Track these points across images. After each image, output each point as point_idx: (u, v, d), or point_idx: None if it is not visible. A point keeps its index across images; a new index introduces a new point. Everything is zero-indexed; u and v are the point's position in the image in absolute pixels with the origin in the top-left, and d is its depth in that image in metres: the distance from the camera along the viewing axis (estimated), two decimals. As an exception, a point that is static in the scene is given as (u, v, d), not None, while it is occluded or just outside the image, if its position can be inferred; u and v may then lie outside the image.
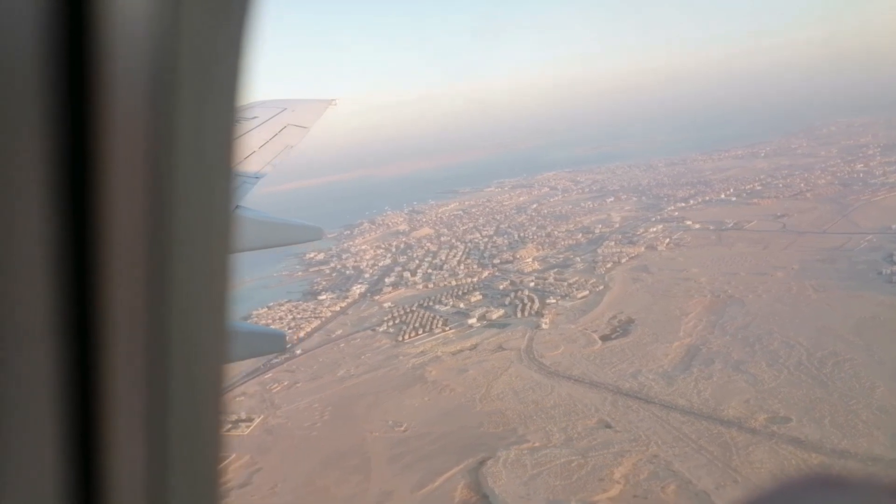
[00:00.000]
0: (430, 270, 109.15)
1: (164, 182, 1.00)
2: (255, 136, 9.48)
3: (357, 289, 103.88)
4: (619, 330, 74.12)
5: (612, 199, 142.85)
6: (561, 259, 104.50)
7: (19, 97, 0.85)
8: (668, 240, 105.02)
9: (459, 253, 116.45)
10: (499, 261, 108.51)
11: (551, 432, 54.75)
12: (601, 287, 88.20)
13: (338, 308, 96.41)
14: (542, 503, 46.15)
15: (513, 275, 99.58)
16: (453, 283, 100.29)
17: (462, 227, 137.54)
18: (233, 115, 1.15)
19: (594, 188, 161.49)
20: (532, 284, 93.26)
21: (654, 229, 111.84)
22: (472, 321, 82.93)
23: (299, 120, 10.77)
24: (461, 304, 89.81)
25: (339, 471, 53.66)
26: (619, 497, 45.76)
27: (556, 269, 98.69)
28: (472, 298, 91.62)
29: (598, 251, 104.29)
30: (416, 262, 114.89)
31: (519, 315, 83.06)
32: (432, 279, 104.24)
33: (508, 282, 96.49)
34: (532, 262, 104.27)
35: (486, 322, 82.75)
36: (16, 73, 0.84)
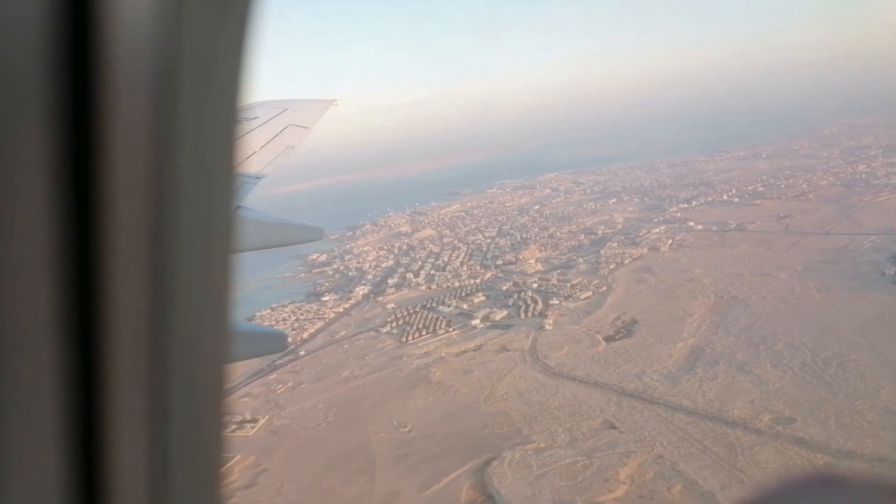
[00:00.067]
0: (432, 272, 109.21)
1: (166, 182, 1.01)
2: (257, 137, 9.50)
3: (360, 290, 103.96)
4: (622, 331, 74.17)
5: (614, 201, 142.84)
6: (564, 260, 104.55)
7: (22, 97, 0.86)
8: (670, 241, 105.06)
9: (462, 254, 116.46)
10: (501, 262, 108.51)
11: (556, 433, 54.81)
12: (604, 288, 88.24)
13: (341, 309, 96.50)
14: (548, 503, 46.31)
15: (516, 276, 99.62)
16: (456, 284, 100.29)
17: (464, 229, 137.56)
18: (235, 116, 1.16)
19: (596, 189, 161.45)
20: (535, 285, 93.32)
21: (657, 230, 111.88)
22: (476, 322, 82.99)
23: (300, 120, 10.78)
24: (464, 306, 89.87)
25: (344, 471, 53.74)
26: (624, 497, 45.83)
27: (560, 271, 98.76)
28: (475, 299, 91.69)
29: (600, 252, 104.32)
30: (419, 263, 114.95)
31: (522, 316, 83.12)
32: (435, 280, 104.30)
33: (511, 283, 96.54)
34: (535, 264, 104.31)
35: (490, 323, 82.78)
36: (18, 72, 0.85)
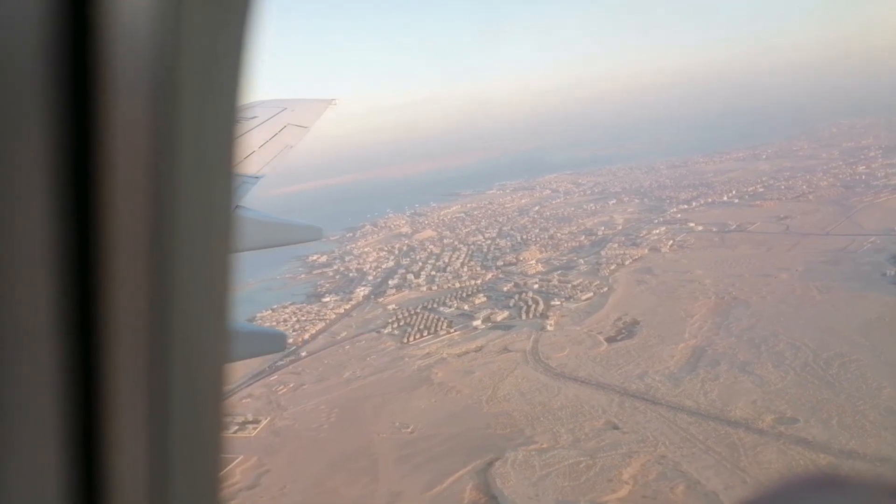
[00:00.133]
0: (433, 273, 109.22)
1: (166, 181, 1.01)
2: (255, 136, 9.47)
3: (361, 291, 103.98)
4: (624, 331, 74.25)
5: (614, 202, 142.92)
6: (564, 261, 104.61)
7: (22, 97, 0.86)
8: (671, 242, 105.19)
9: (462, 255, 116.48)
10: (502, 263, 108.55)
11: (559, 433, 54.87)
12: (605, 289, 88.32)
13: (342, 310, 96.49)
14: (551, 504, 46.34)
15: (516, 277, 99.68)
16: (457, 285, 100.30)
17: (464, 230, 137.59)
18: (234, 115, 1.16)
19: (596, 190, 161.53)
20: (536, 286, 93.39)
21: (657, 231, 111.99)
22: (477, 323, 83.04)
23: (299, 120, 10.74)
24: (465, 306, 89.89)
25: (347, 472, 53.75)
26: (628, 498, 45.89)
27: (560, 271, 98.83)
28: (476, 300, 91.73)
29: (601, 253, 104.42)
30: (420, 264, 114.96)
31: (524, 317, 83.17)
32: (436, 281, 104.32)
33: (512, 284, 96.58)
34: (535, 265, 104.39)
35: (491, 324, 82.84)
36: (18, 72, 0.85)
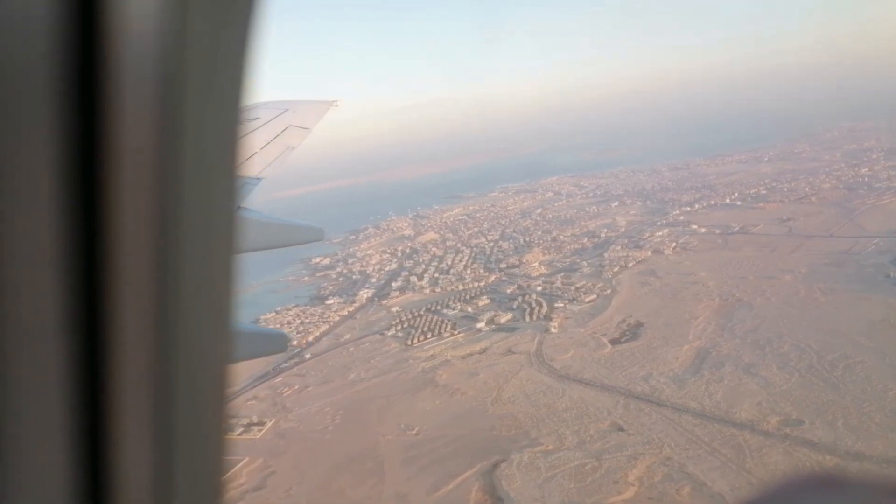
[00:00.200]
0: (436, 275, 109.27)
1: (171, 181, 1.02)
2: (257, 138, 9.51)
3: (364, 293, 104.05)
4: (628, 333, 74.27)
5: (616, 204, 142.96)
6: (567, 263, 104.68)
7: (30, 98, 0.86)
8: (674, 244, 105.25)
9: (465, 257, 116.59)
10: (505, 265, 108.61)
11: (564, 435, 54.90)
12: (609, 291, 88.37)
13: (345, 312, 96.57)
14: (557, 506, 46.36)
15: (520, 279, 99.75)
16: (460, 287, 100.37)
17: (467, 232, 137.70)
18: (238, 117, 1.17)
19: (598, 193, 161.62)
20: (539, 288, 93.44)
21: (660, 233, 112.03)
22: (481, 325, 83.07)
23: (301, 121, 10.73)
24: (469, 308, 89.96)
25: (352, 474, 53.79)
26: (633, 499, 45.91)
27: (564, 274, 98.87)
28: (479, 302, 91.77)
29: (604, 255, 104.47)
30: (423, 266, 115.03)
31: (527, 319, 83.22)
32: (439, 283, 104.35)
33: (516, 286, 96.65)
34: (539, 267, 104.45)
35: (495, 326, 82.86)
36: (26, 74, 0.85)
